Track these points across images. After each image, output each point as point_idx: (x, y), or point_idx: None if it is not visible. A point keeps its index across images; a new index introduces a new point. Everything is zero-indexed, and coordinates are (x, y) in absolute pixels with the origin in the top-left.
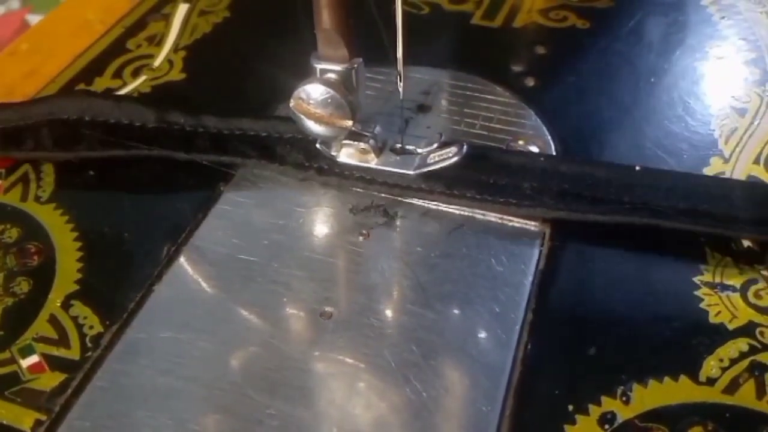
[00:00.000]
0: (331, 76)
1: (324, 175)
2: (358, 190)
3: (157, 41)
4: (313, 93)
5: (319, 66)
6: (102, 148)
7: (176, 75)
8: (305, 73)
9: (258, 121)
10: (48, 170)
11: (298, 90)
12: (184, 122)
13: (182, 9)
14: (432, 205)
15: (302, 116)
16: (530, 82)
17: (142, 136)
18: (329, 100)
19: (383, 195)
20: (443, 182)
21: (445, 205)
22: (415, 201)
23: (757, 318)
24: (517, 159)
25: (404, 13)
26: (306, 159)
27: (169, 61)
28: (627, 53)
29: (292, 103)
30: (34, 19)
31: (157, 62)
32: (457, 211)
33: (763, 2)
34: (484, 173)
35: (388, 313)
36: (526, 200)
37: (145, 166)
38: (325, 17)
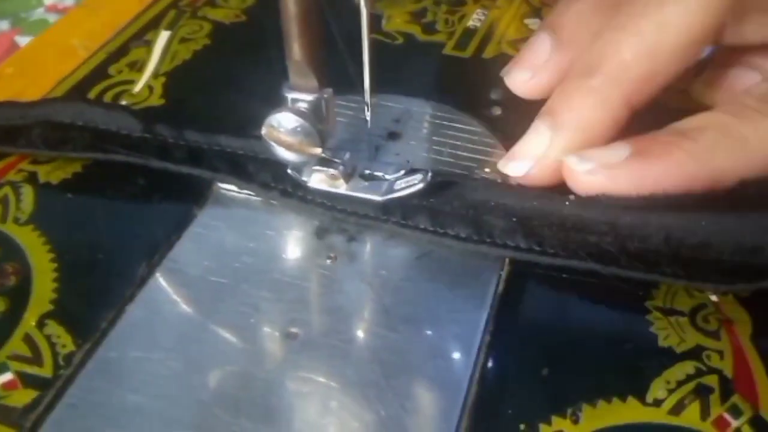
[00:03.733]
0: (302, 105)
1: (286, 197)
2: (323, 213)
3: (138, 67)
4: (284, 121)
5: (291, 95)
6: (84, 151)
7: (156, 100)
8: (279, 102)
9: (236, 139)
10: (27, 192)
11: (270, 118)
12: (167, 134)
13: (163, 36)
14: (398, 229)
15: (274, 143)
16: (497, 111)
17: (125, 144)
18: (299, 129)
19: (353, 220)
20: (399, 213)
21: (409, 230)
22: (380, 225)
23: (704, 342)
24: (475, 193)
25: (379, 42)
26: (273, 180)
27: (149, 87)
28: None
29: (264, 131)
30: (23, 40)
31: (137, 88)
32: (422, 236)
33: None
34: (444, 203)
35: (352, 334)
36: (475, 235)
37: (121, 190)
38: (296, 49)
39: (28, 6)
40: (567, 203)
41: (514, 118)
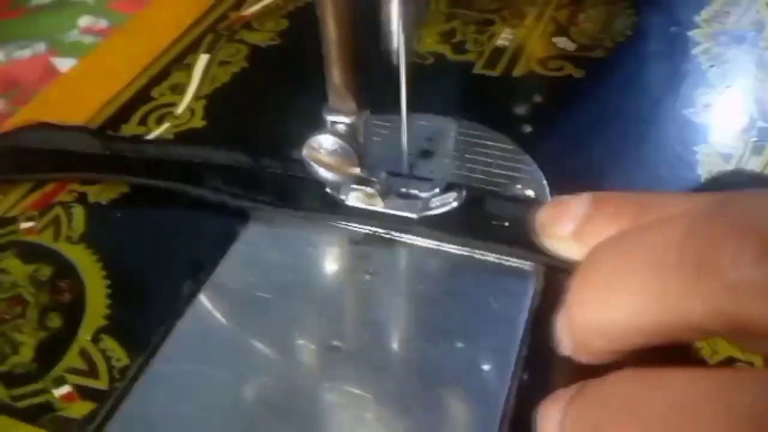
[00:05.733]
0: (341, 127)
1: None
2: (366, 230)
3: (179, 90)
4: (324, 143)
5: (330, 118)
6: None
7: (197, 122)
8: (317, 122)
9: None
10: (78, 212)
11: (310, 140)
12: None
13: (203, 59)
14: (433, 245)
15: (314, 163)
16: (528, 128)
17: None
18: (339, 150)
19: (391, 237)
20: (439, 229)
21: (446, 245)
22: (417, 242)
23: (737, 354)
24: (510, 208)
25: (410, 64)
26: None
27: (191, 110)
28: (619, 101)
29: (304, 152)
30: (59, 62)
31: (179, 110)
32: (457, 251)
33: (750, 52)
34: (478, 219)
35: (392, 346)
36: (515, 244)
37: (167, 209)
38: (336, 74)
39: (62, 28)
40: None
41: (545, 135)
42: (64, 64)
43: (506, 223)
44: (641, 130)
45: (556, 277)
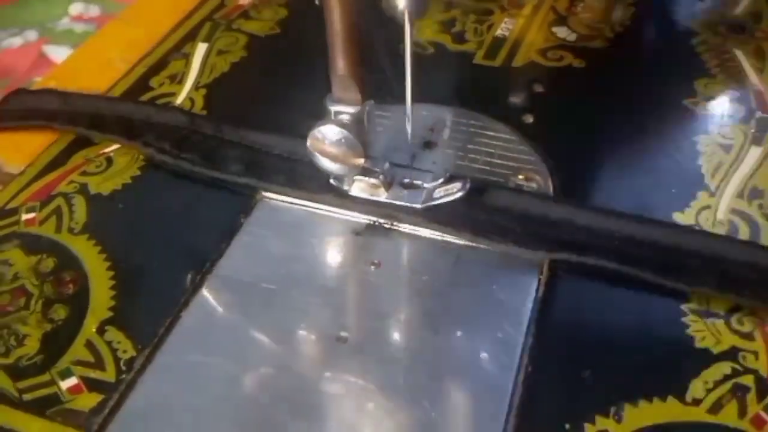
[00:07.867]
0: (345, 117)
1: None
2: (369, 221)
3: (178, 80)
4: (328, 134)
5: (334, 108)
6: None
7: (197, 112)
8: (319, 111)
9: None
10: (79, 203)
11: (315, 131)
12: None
13: (201, 48)
14: (438, 236)
15: (318, 154)
16: (529, 118)
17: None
18: (343, 140)
19: (394, 227)
20: (443, 220)
21: (450, 237)
22: (421, 232)
23: (740, 343)
24: (513, 200)
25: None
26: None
27: (191, 99)
28: (620, 91)
29: (308, 143)
30: (50, 50)
31: (179, 100)
32: (462, 242)
33: (749, 42)
34: (482, 211)
35: (399, 338)
36: (519, 240)
37: (170, 199)
38: (340, 64)
39: (53, 16)
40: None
41: (546, 125)
42: (56, 53)
43: (510, 215)
44: (641, 120)
45: (560, 268)
